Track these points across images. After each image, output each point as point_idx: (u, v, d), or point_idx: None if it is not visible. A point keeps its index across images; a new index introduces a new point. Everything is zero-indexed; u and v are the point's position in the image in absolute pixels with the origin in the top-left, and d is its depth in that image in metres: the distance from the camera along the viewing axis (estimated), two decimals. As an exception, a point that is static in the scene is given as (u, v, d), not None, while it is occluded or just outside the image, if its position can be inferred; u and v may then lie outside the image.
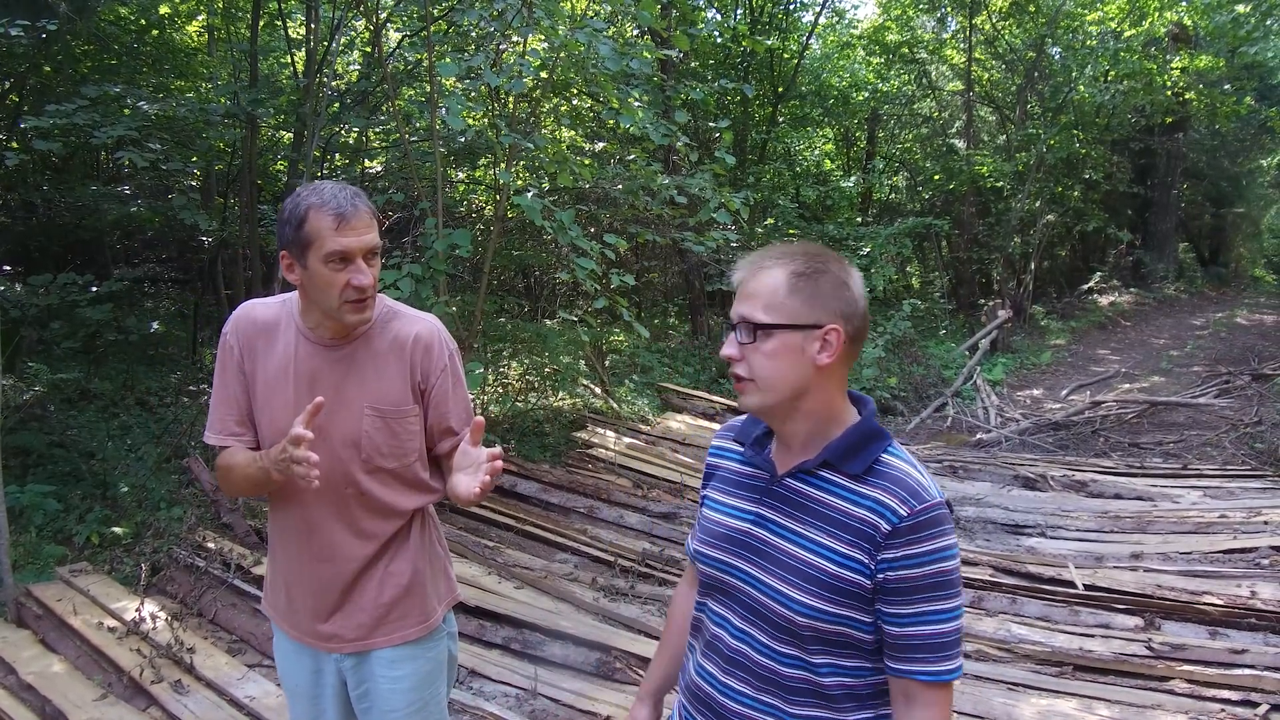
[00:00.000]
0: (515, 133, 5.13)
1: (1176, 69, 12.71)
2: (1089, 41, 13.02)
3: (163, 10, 7.48)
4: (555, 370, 7.86)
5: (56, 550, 4.52)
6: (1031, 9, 12.90)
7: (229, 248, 7.75)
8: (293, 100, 7.23)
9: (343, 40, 7.90)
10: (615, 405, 7.73)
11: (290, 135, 7.84)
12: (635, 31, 8.94)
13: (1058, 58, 13.80)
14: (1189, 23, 13.17)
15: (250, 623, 3.84)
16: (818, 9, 13.68)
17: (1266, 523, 4.96)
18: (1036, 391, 9.98)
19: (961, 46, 13.70)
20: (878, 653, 1.30)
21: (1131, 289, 15.09)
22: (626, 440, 6.80)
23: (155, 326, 7.85)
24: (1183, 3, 12.78)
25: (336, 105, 7.12)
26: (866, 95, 14.76)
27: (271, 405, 1.79)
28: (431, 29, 5.34)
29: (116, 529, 4.78)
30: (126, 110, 6.01)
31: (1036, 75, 13.53)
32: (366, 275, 1.67)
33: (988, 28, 13.52)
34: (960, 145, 14.17)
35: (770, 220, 11.92)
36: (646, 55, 5.55)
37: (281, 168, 8.19)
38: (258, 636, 3.72)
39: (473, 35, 6.72)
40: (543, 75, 5.42)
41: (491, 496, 5.53)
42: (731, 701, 1.36)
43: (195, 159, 7.44)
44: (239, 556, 4.33)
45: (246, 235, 7.24)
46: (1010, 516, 5.41)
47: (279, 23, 7.88)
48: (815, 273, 1.28)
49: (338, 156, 8.08)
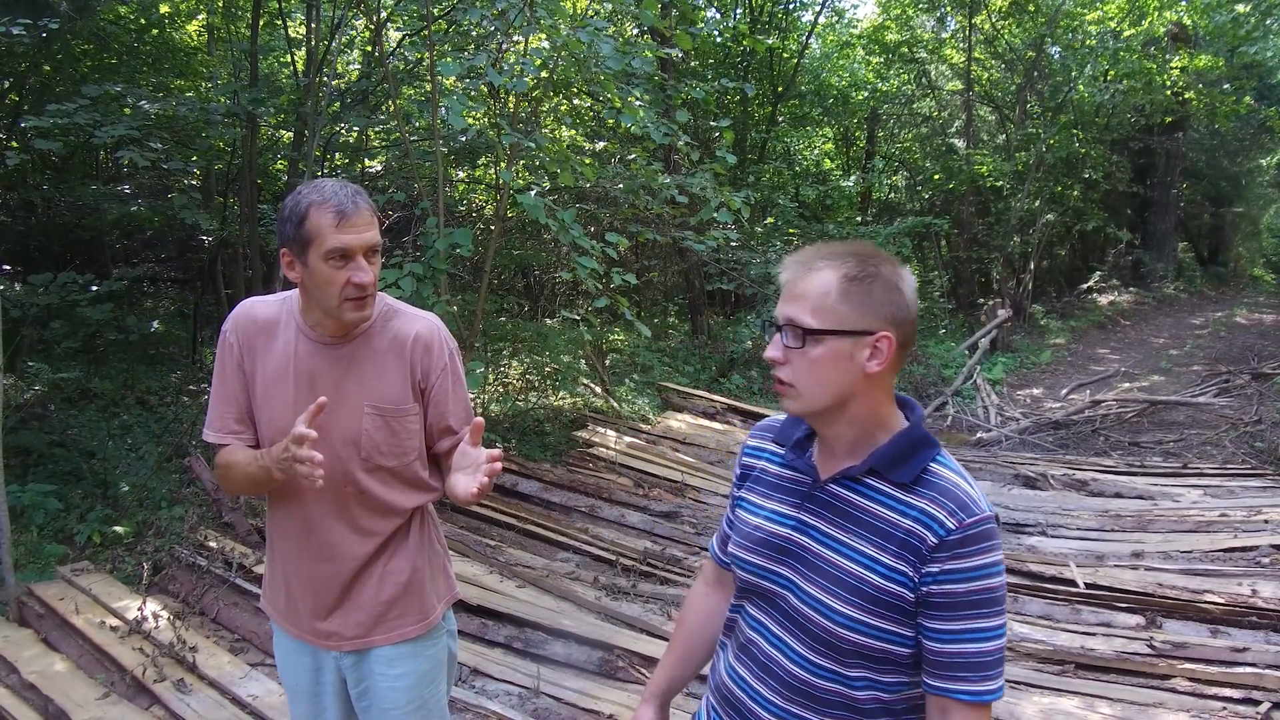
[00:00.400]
0: (516, 132, 5.13)
1: (1176, 69, 12.71)
2: (1088, 41, 13.03)
3: (163, 9, 7.48)
4: (556, 369, 7.86)
5: (58, 549, 4.52)
6: (1031, 8, 12.90)
7: (229, 247, 7.75)
8: (293, 99, 7.23)
9: (343, 39, 7.90)
10: (616, 404, 7.73)
11: (290, 134, 7.83)
12: (636, 31, 8.95)
13: (1057, 57, 13.81)
14: (1188, 22, 13.17)
15: (252, 621, 3.84)
16: (817, 8, 13.70)
17: (1267, 521, 4.96)
18: (1036, 391, 9.98)
19: (961, 46, 13.71)
20: (915, 667, 1.27)
21: (1131, 288, 15.10)
22: (627, 439, 6.80)
23: (155, 326, 7.85)
24: (1182, 2, 12.79)
25: (337, 104, 7.11)
26: (866, 95, 14.77)
27: (271, 404, 1.78)
28: (432, 28, 5.33)
29: (118, 528, 4.78)
30: (127, 110, 6.01)
31: (1036, 75, 13.53)
32: (367, 273, 1.67)
33: (987, 27, 13.53)
34: (960, 145, 14.17)
35: (770, 220, 11.93)
36: (648, 54, 5.55)
37: (282, 167, 8.19)
38: (260, 635, 3.72)
39: (473, 34, 6.73)
40: (544, 74, 5.42)
41: (492, 496, 5.53)
42: (761, 708, 1.34)
43: (195, 158, 7.43)
44: (240, 555, 4.33)
45: (246, 234, 7.24)
46: (1011, 515, 5.42)
47: (279, 22, 7.88)
48: (868, 276, 1.23)
49: (338, 156, 8.07)
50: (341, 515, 1.79)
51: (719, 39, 11.93)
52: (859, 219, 14.10)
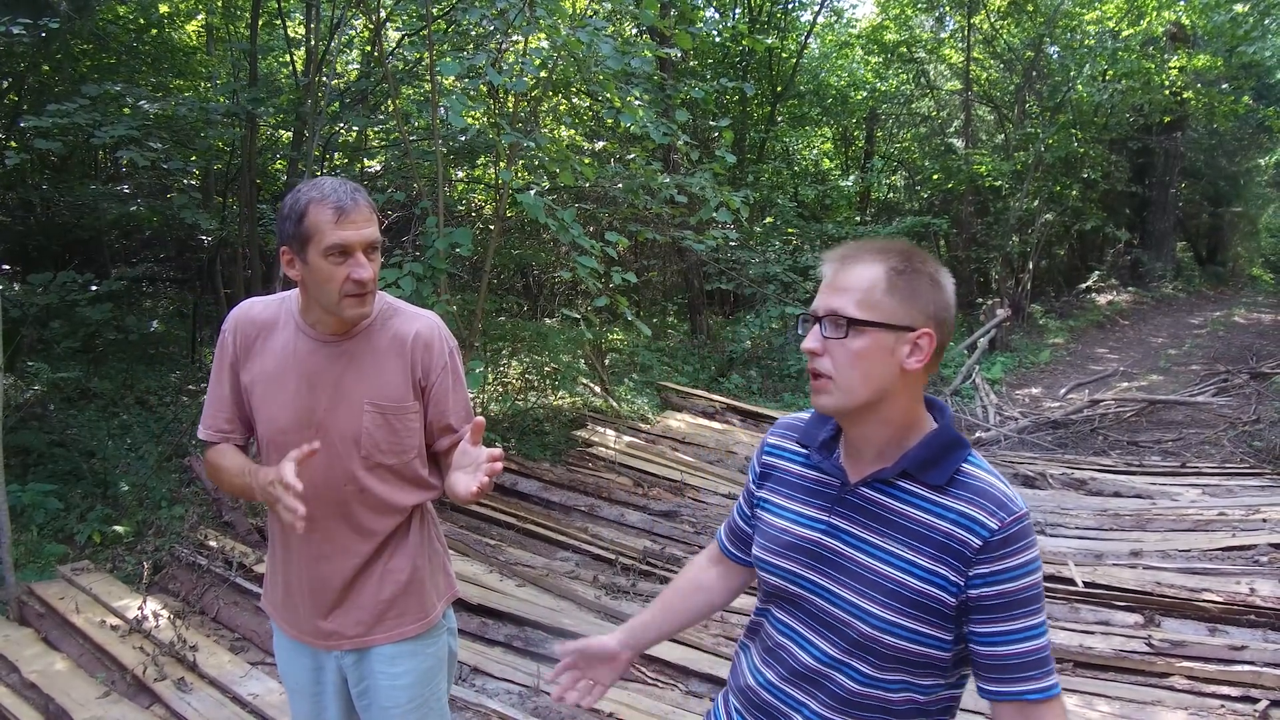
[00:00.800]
0: (515, 132, 5.14)
1: (1174, 68, 12.73)
2: (1087, 41, 13.04)
3: (162, 9, 7.49)
4: (555, 369, 7.86)
5: (58, 549, 4.53)
6: (1030, 8, 12.92)
7: (228, 247, 7.75)
8: (292, 99, 7.23)
9: (342, 39, 7.90)
10: (615, 404, 7.74)
11: (290, 134, 7.84)
12: (635, 30, 8.96)
13: (1056, 57, 13.82)
14: (1187, 22, 13.19)
15: (253, 620, 3.84)
16: (816, 8, 13.71)
17: (1265, 520, 4.97)
18: (1035, 390, 9.99)
19: (960, 46, 13.72)
20: (952, 670, 1.27)
21: (1130, 288, 15.11)
22: (626, 439, 6.80)
23: (155, 326, 7.86)
24: (1181, 2, 12.81)
25: (336, 104, 7.12)
26: (865, 94, 14.79)
27: (271, 403, 1.78)
28: (431, 28, 5.34)
29: (118, 528, 4.79)
30: (126, 109, 6.01)
31: (1035, 74, 13.54)
32: (366, 269, 1.67)
33: (986, 27, 13.54)
34: (959, 144, 14.18)
35: (769, 219, 11.94)
36: (647, 54, 5.55)
37: (281, 167, 8.19)
38: (260, 634, 3.72)
39: (473, 34, 6.73)
40: (543, 74, 5.42)
41: (492, 495, 5.53)
42: (794, 712, 1.32)
43: (195, 158, 7.44)
44: (241, 555, 4.33)
45: (246, 234, 7.24)
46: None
47: (278, 22, 7.88)
48: (913, 271, 1.23)
49: (337, 155, 8.08)
50: (341, 514, 1.79)
51: (718, 39, 11.94)
52: (858, 219, 14.11)
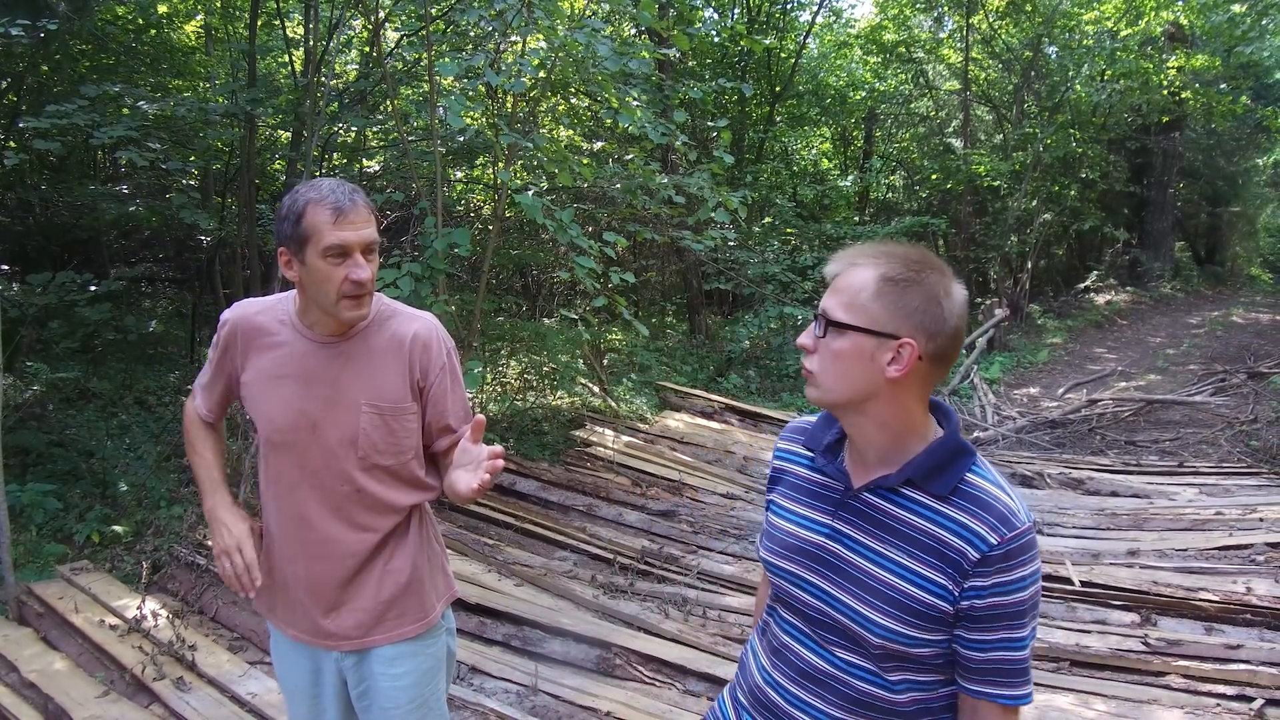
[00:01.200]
0: (514, 132, 5.14)
1: (1173, 68, 12.73)
2: (1085, 41, 13.05)
3: (161, 9, 7.48)
4: (554, 369, 7.87)
5: (57, 549, 4.53)
6: (1028, 8, 12.92)
7: (227, 247, 7.75)
8: (291, 100, 7.23)
9: (341, 39, 7.90)
10: (614, 404, 7.74)
11: (288, 134, 7.84)
12: (633, 31, 8.96)
13: (1054, 57, 13.83)
14: (1185, 22, 13.20)
15: (251, 620, 3.85)
16: (815, 8, 13.71)
17: (1262, 519, 4.98)
18: (1033, 390, 10.00)
19: (958, 46, 13.73)
20: (950, 667, 1.28)
21: (1128, 288, 15.12)
22: (625, 439, 6.81)
23: (154, 326, 7.86)
24: (1179, 2, 12.82)
25: (335, 104, 7.12)
26: (864, 94, 14.79)
27: (268, 402, 1.79)
28: (430, 28, 5.34)
29: (117, 527, 4.79)
30: (125, 110, 6.02)
31: (1033, 74, 13.55)
32: (364, 270, 1.67)
33: (984, 27, 13.55)
34: (957, 144, 14.19)
35: (768, 219, 11.95)
36: (645, 55, 5.56)
37: (280, 167, 8.19)
38: (259, 634, 3.73)
39: (471, 35, 6.74)
40: (541, 75, 5.43)
41: (491, 494, 5.54)
42: (799, 712, 1.33)
43: (194, 158, 7.44)
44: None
45: (245, 234, 7.24)
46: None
47: (277, 22, 7.88)
48: (906, 281, 1.21)
49: (336, 156, 8.08)
50: (338, 513, 1.79)
51: (716, 39, 11.95)
52: (857, 219, 14.12)
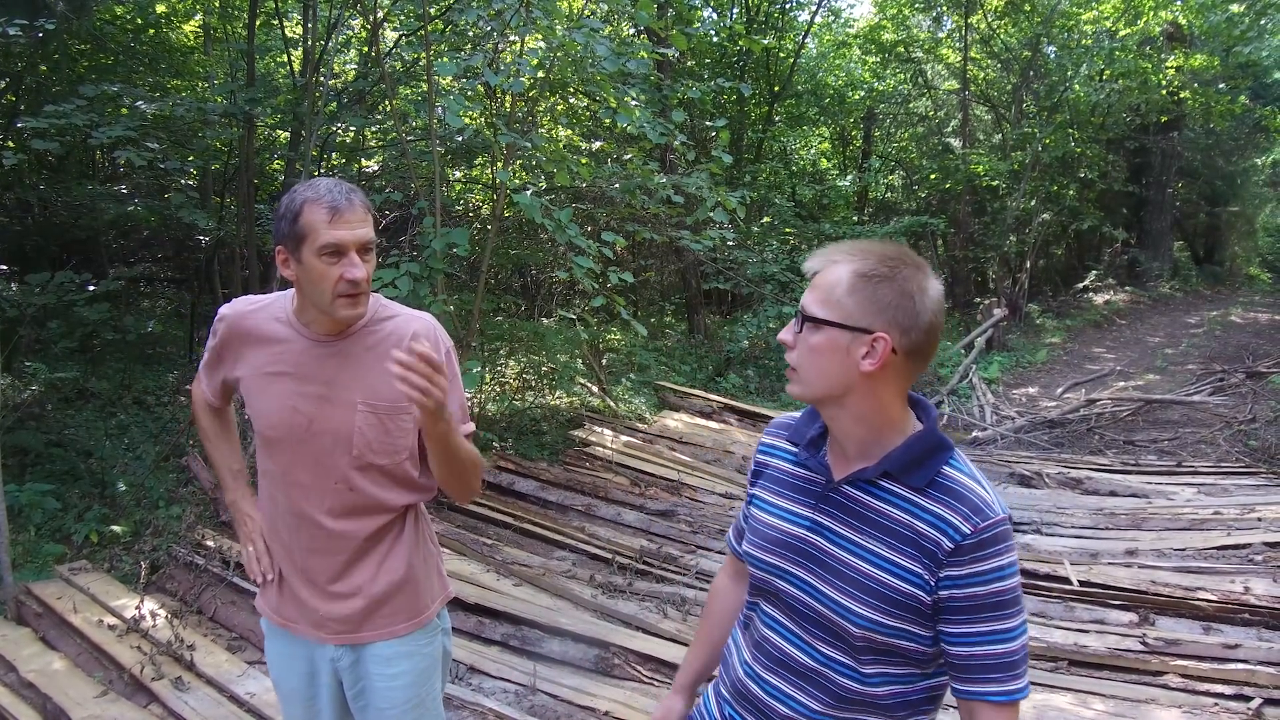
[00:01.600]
0: (513, 132, 5.14)
1: (1171, 68, 12.74)
2: (1084, 41, 13.06)
3: (159, 9, 7.48)
4: (552, 369, 7.88)
5: (56, 549, 4.53)
6: (1027, 8, 12.94)
7: (226, 247, 7.75)
8: (290, 99, 7.23)
9: (340, 39, 7.90)
10: (612, 404, 7.75)
11: (287, 134, 7.84)
12: (632, 30, 8.96)
13: (1053, 57, 13.84)
14: (1184, 22, 13.21)
15: (250, 620, 3.85)
16: (814, 8, 13.71)
17: (1260, 519, 4.99)
18: (1032, 389, 10.01)
19: (957, 46, 13.74)
20: (929, 662, 1.30)
21: (1127, 287, 15.12)
22: (624, 438, 6.81)
23: (152, 326, 7.86)
24: (1177, 2, 12.83)
25: (334, 104, 7.12)
26: (862, 94, 14.80)
27: (266, 400, 1.79)
28: (428, 28, 5.34)
29: (115, 527, 4.79)
30: (124, 110, 6.01)
31: (1032, 74, 13.56)
32: (360, 269, 1.68)
33: (983, 27, 13.56)
34: (956, 144, 14.21)
35: (767, 219, 11.95)
36: (643, 55, 5.56)
37: (278, 167, 8.19)
38: (257, 633, 3.73)
39: (470, 34, 6.74)
40: (540, 75, 5.43)
41: (489, 494, 5.55)
42: (781, 705, 1.35)
43: (192, 158, 7.44)
44: (238, 554, 4.33)
45: (244, 234, 7.24)
46: (1006, 513, 5.43)
47: (276, 22, 7.88)
48: (880, 277, 1.23)
49: (335, 155, 8.08)
50: (332, 511, 1.80)
51: (715, 39, 11.95)
52: (855, 218, 14.12)
